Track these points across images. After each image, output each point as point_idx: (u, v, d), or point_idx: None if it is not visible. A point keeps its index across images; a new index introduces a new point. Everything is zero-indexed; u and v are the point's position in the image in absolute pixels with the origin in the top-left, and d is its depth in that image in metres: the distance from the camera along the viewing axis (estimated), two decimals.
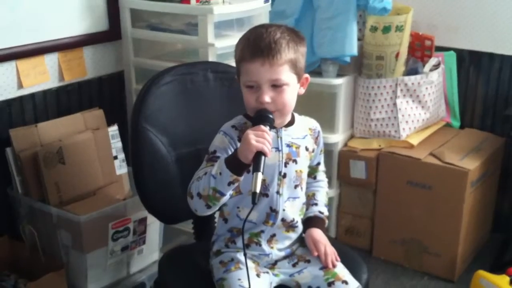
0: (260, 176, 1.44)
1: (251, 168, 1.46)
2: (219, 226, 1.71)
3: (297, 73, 1.57)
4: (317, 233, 1.71)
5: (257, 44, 1.52)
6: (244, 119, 1.63)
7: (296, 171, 1.65)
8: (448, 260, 2.70)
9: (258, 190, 1.43)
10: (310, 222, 1.75)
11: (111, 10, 2.58)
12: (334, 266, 1.64)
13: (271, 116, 1.52)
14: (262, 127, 1.48)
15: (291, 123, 1.66)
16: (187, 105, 1.90)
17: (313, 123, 1.76)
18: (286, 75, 1.54)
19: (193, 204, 1.55)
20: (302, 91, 1.64)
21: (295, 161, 1.64)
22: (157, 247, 2.46)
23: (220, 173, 1.47)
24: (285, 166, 1.63)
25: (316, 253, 1.66)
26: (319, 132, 1.75)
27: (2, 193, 2.30)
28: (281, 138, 1.63)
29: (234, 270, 1.59)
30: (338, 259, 1.67)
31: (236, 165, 1.46)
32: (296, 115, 1.70)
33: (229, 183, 1.47)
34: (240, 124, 1.62)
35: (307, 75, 1.63)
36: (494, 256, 2.85)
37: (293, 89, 1.58)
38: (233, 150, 1.55)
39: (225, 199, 1.52)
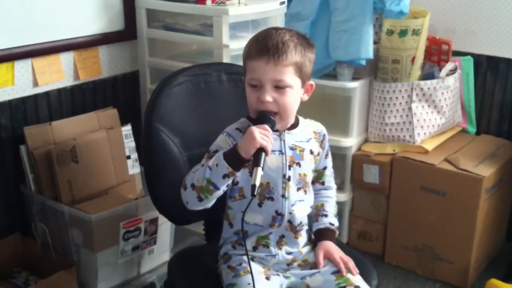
0: (260, 171, 1.44)
1: (249, 166, 1.47)
2: (225, 230, 1.71)
3: (301, 78, 1.56)
4: (330, 245, 1.69)
5: (265, 43, 1.53)
6: (248, 122, 1.62)
7: (299, 174, 1.64)
8: (461, 267, 2.67)
9: (257, 183, 1.43)
10: (321, 234, 1.73)
11: (127, 10, 2.59)
12: (354, 273, 1.62)
13: (272, 118, 1.53)
14: (267, 126, 1.49)
15: (294, 126, 1.65)
16: (200, 106, 1.89)
17: (318, 126, 1.74)
18: (290, 77, 1.53)
19: (185, 196, 1.55)
20: (306, 97, 1.63)
21: (298, 164, 1.63)
22: (168, 247, 2.47)
23: (217, 165, 1.47)
24: (289, 169, 1.62)
25: (322, 267, 1.64)
26: (324, 135, 1.73)
27: (15, 190, 2.32)
28: (284, 141, 1.62)
29: (244, 274, 1.58)
30: (357, 270, 1.64)
31: (235, 159, 1.46)
32: (301, 118, 1.69)
33: (224, 176, 1.47)
34: (243, 127, 1.61)
35: (312, 82, 1.62)
36: (507, 264, 2.81)
37: (296, 93, 1.57)
38: None
39: (217, 193, 1.51)
